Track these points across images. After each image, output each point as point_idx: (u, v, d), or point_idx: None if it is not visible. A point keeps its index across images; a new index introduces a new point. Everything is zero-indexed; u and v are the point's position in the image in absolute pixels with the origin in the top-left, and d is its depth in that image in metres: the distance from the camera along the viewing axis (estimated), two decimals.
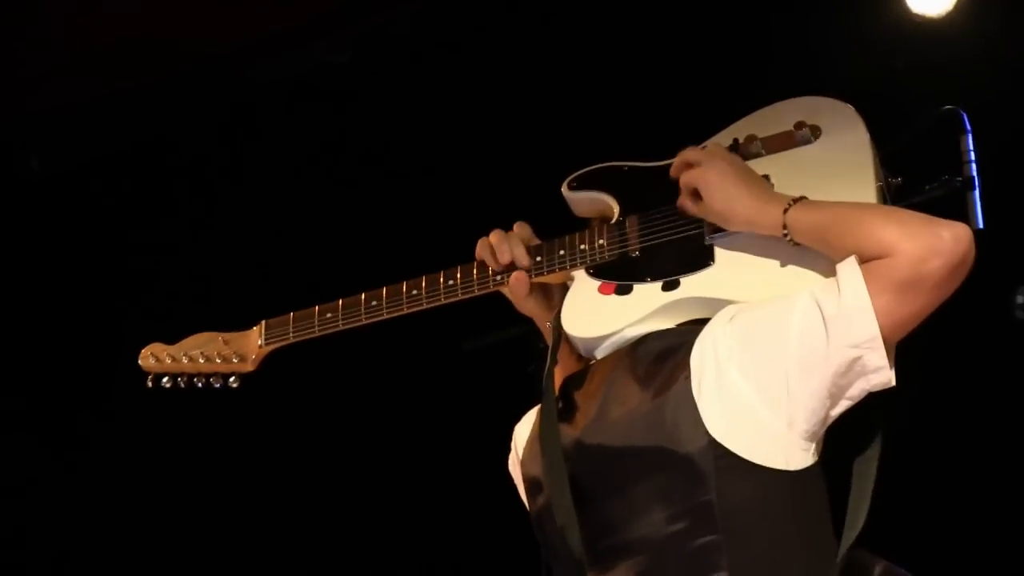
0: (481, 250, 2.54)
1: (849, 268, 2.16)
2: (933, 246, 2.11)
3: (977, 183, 2.47)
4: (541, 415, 2.43)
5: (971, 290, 3.66)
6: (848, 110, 2.46)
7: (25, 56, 4.36)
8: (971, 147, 2.49)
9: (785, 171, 2.41)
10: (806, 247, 2.27)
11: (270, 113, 4.61)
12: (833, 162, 2.39)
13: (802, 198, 2.28)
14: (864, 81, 3.71)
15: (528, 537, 2.47)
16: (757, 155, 2.45)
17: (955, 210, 2.46)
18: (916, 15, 3.69)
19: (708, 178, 2.34)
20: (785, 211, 2.26)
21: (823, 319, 2.15)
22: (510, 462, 2.62)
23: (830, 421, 2.23)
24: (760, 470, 2.18)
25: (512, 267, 2.51)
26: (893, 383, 2.18)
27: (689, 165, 2.39)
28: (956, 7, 3.66)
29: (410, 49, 4.36)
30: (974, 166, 2.48)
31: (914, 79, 3.67)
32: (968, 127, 2.49)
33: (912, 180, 2.48)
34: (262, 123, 4.63)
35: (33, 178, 4.86)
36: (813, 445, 2.22)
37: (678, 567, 2.20)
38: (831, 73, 3.77)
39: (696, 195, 2.37)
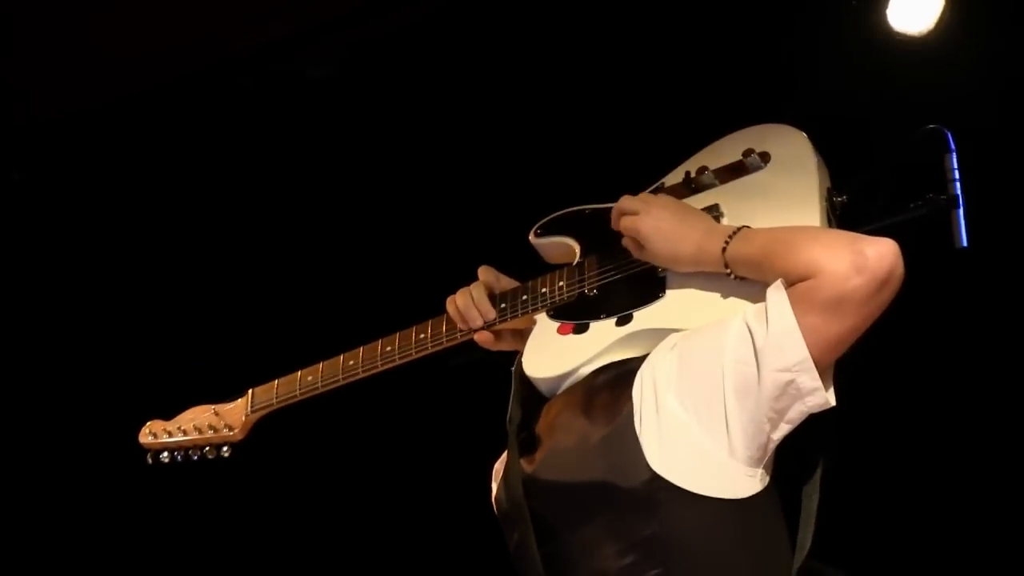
0: (450, 308, 2.63)
1: (776, 293, 2.17)
2: (856, 263, 2.10)
3: (961, 201, 2.48)
4: (507, 456, 2.47)
5: (952, 306, 3.72)
6: (796, 135, 2.50)
7: (28, 63, 4.34)
8: (955, 165, 2.50)
9: (735, 198, 2.45)
10: None
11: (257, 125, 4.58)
12: (780, 186, 2.43)
13: (741, 229, 2.30)
14: (845, 100, 3.72)
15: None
16: (711, 185, 2.51)
17: (940, 228, 2.47)
18: (897, 33, 3.68)
19: (645, 226, 2.38)
20: (724, 249, 2.28)
21: (753, 345, 2.16)
22: (493, 499, 2.63)
23: (773, 446, 2.23)
24: (704, 500, 2.18)
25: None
26: (832, 403, 2.18)
27: (624, 214, 2.43)
28: (937, 25, 3.65)
29: (394, 66, 4.35)
30: (958, 184, 2.49)
31: (897, 97, 3.67)
32: (952, 145, 2.50)
33: (896, 199, 2.49)
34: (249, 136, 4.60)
35: (13, 190, 4.82)
36: (759, 471, 2.22)
37: None
38: (811, 93, 3.77)
39: (639, 243, 2.40)
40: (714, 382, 2.18)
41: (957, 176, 2.49)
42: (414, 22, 4.18)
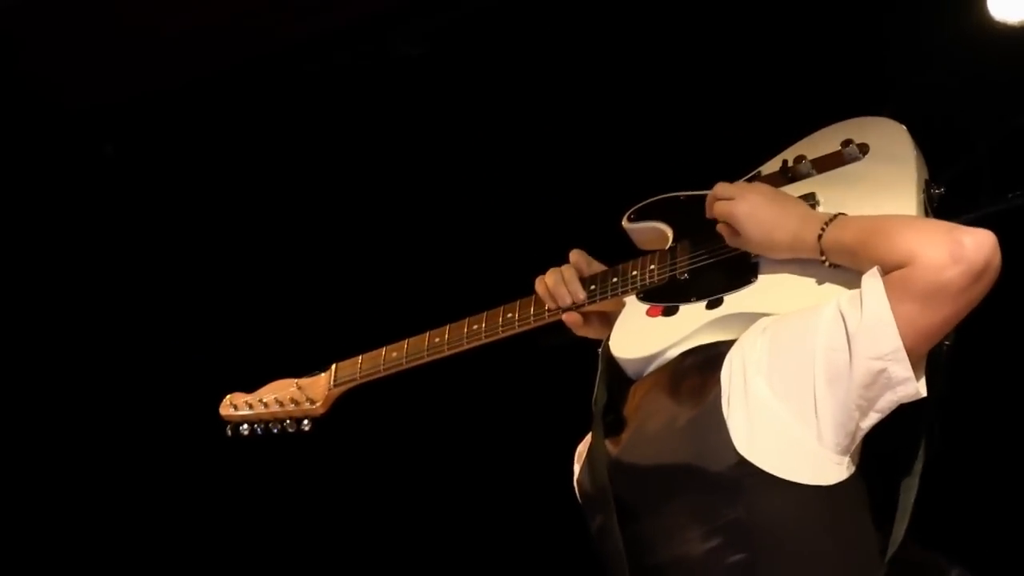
0: (539, 287, 2.60)
1: (871, 280, 2.14)
2: (953, 253, 2.07)
3: None
4: (592, 438, 2.45)
5: None
6: (895, 127, 2.46)
7: (97, 44, 4.38)
8: None
9: (832, 188, 2.43)
10: None
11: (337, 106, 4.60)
12: (878, 177, 2.40)
13: (837, 216, 2.28)
14: (945, 89, 3.69)
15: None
16: (808, 175, 2.48)
17: None
18: (998, 23, 3.64)
19: (740, 212, 2.35)
20: (819, 237, 2.26)
21: (846, 332, 2.13)
22: (575, 481, 2.64)
23: (862, 434, 2.19)
24: (791, 486, 2.16)
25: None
26: (923, 394, 2.14)
27: (720, 199, 2.41)
28: None
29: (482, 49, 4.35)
30: None
31: (997, 87, 3.63)
32: None
33: (996, 188, 2.47)
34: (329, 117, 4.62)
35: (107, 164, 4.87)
36: (847, 458, 2.19)
37: None
38: (910, 82, 3.74)
39: (733, 229, 2.38)
40: (805, 367, 2.16)
41: None
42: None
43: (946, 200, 2.40)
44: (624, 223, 2.65)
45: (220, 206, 4.74)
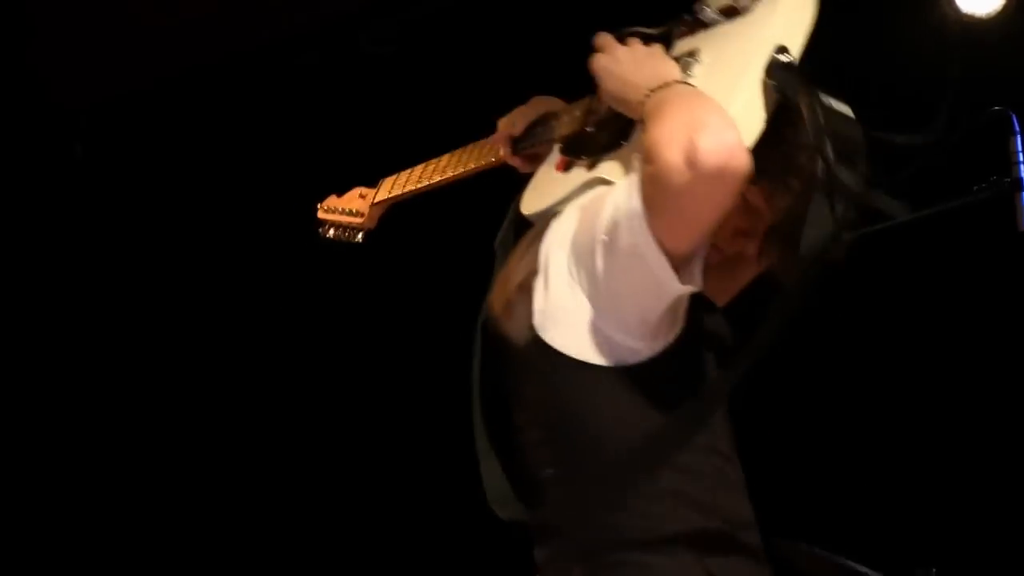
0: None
1: (640, 166, 2.03)
2: (688, 156, 1.90)
3: None
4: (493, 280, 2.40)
5: (1015, 288, 3.70)
6: None
7: (63, 49, 4.38)
8: (1020, 148, 2.49)
9: (714, 45, 2.22)
10: None
11: (311, 103, 4.61)
12: (744, 35, 2.18)
13: (667, 85, 2.10)
14: (911, 81, 3.70)
15: None
16: (714, 22, 2.23)
17: (1003, 211, 2.47)
18: (965, 15, 3.66)
19: (601, 64, 2.23)
20: (643, 103, 2.11)
21: (615, 218, 2.03)
22: None
23: (653, 317, 2.06)
24: (584, 367, 2.09)
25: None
26: (691, 290, 2.02)
27: (596, 51, 2.27)
28: (1005, 7, 3.63)
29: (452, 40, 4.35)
30: (1023, 167, 2.48)
31: (963, 80, 3.64)
32: (1017, 129, 2.49)
33: (960, 181, 2.49)
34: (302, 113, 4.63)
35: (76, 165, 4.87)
36: (642, 343, 2.08)
37: (520, 461, 2.18)
38: (875, 72, 3.75)
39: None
40: (591, 248, 2.06)
41: (1022, 159, 2.49)
42: None
43: (909, 194, 2.35)
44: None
45: (190, 205, 4.76)
